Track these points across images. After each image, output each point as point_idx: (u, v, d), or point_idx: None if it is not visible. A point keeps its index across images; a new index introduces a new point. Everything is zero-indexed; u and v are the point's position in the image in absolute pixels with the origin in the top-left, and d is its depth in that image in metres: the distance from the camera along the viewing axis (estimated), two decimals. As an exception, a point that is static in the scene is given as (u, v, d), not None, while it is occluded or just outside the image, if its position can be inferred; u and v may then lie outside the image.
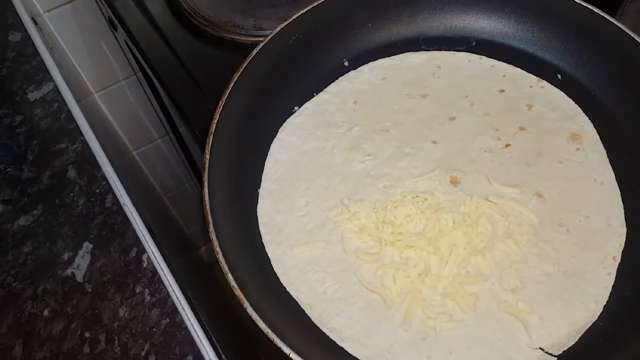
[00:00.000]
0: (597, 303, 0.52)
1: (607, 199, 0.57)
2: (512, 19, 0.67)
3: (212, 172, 0.55)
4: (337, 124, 0.64)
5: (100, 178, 0.67)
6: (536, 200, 0.57)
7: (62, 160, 0.69)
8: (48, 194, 0.67)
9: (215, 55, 0.76)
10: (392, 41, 0.70)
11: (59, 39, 1.08)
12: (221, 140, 0.57)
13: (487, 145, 0.61)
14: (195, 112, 0.70)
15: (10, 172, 0.69)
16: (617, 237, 0.55)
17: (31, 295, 0.59)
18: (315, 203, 0.59)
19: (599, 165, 0.60)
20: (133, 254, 0.61)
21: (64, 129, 0.72)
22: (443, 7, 0.69)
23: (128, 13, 0.84)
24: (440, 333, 0.51)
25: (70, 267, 0.61)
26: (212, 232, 0.50)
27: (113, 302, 0.58)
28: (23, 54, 0.81)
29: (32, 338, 0.57)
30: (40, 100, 0.76)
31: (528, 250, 0.54)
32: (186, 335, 0.56)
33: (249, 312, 0.46)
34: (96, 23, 1.08)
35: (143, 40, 0.80)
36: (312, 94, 0.66)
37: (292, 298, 0.53)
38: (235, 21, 0.77)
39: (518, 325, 0.51)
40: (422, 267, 0.54)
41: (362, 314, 0.52)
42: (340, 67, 0.68)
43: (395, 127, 0.64)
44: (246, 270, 0.51)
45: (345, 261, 0.55)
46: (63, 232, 0.63)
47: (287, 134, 0.64)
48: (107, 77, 1.20)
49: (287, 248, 0.56)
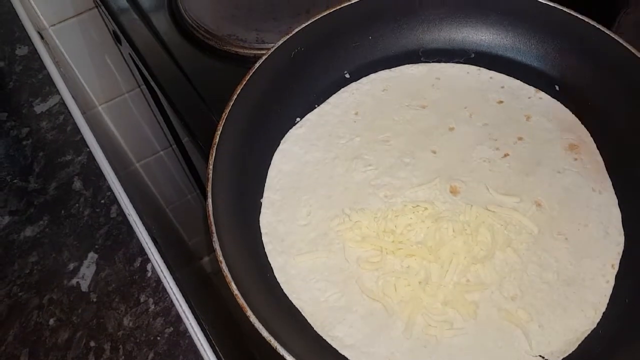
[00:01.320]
0: (596, 311, 0.52)
1: (605, 207, 0.58)
2: (510, 32, 0.68)
3: (215, 183, 0.55)
4: (338, 134, 0.65)
5: (105, 189, 0.68)
6: (535, 209, 0.58)
7: (67, 171, 0.70)
8: (54, 204, 0.67)
9: (219, 67, 0.77)
10: (393, 53, 0.71)
11: (65, 52, 1.09)
12: (224, 151, 0.58)
13: (487, 155, 0.62)
14: (199, 124, 0.71)
15: (17, 183, 0.70)
16: (615, 246, 0.56)
17: (37, 305, 0.60)
18: (317, 213, 0.59)
19: (597, 174, 0.60)
20: (137, 264, 0.62)
21: (70, 141, 0.73)
22: (442, 21, 0.70)
23: (132, 27, 0.85)
24: (441, 341, 0.51)
25: (76, 277, 0.61)
26: (215, 242, 0.51)
27: (118, 312, 0.59)
28: (30, 68, 0.83)
29: (37, 347, 0.57)
30: (47, 112, 0.77)
31: (527, 258, 0.55)
32: (190, 344, 0.56)
33: (252, 320, 0.47)
34: (101, 37, 1.09)
35: (147, 54, 0.81)
36: (314, 106, 0.67)
37: (295, 306, 0.54)
38: (238, 34, 0.78)
39: (518, 333, 0.52)
40: (423, 275, 0.54)
41: (364, 322, 0.53)
42: (341, 79, 0.69)
43: (396, 138, 0.64)
44: (249, 279, 0.52)
45: (346, 270, 0.56)
46: (69, 242, 0.64)
47: (289, 145, 0.65)
48: (112, 90, 1.21)
49: (290, 257, 0.57)
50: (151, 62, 0.80)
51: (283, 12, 0.81)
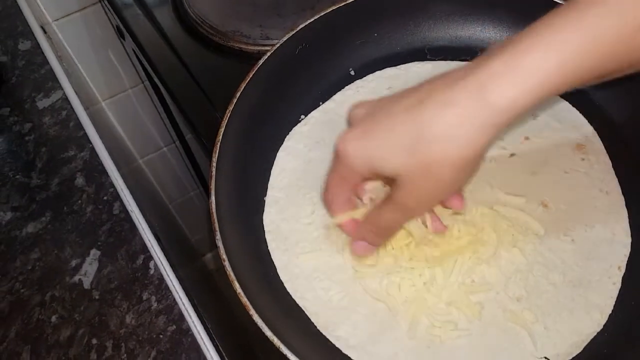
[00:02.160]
0: (602, 313, 0.52)
1: (612, 208, 0.58)
2: (518, 29, 0.67)
3: (218, 180, 0.55)
4: (343, 132, 0.65)
5: (108, 185, 0.68)
6: (541, 209, 0.57)
7: (70, 167, 0.70)
8: (56, 201, 0.67)
9: (223, 64, 0.77)
10: (398, 51, 0.70)
11: (68, 47, 1.09)
12: (228, 148, 0.57)
13: (493, 154, 0.62)
14: (202, 121, 0.71)
15: (19, 179, 0.70)
16: (622, 247, 0.55)
17: (39, 302, 0.60)
18: (321, 211, 0.59)
19: (604, 175, 0.60)
20: (140, 261, 0.62)
21: (72, 136, 0.73)
22: (448, 18, 0.69)
23: (136, 22, 0.85)
24: (446, 341, 0.51)
25: (78, 274, 0.61)
26: (218, 240, 0.50)
27: (120, 309, 0.59)
28: (32, 62, 0.82)
29: (39, 344, 0.57)
30: (49, 108, 0.76)
31: (533, 259, 0.55)
32: (192, 342, 0.56)
33: (255, 319, 0.47)
34: (104, 32, 1.09)
35: (151, 49, 0.81)
36: (319, 103, 0.67)
37: (298, 306, 0.54)
38: (242, 30, 0.78)
39: (523, 335, 0.51)
40: (427, 275, 0.54)
41: (368, 322, 0.52)
42: (346, 76, 0.69)
43: (401, 136, 0.64)
44: (252, 278, 0.52)
45: (350, 269, 0.55)
46: (71, 239, 0.64)
47: (293, 143, 0.64)
48: (115, 86, 1.21)
49: (293, 256, 0.56)
50: (155, 58, 0.79)
51: (288, 9, 0.81)
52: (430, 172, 0.43)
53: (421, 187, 0.44)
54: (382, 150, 0.45)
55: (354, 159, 0.47)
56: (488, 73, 0.41)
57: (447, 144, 0.42)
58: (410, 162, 0.43)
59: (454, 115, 0.41)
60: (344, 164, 0.48)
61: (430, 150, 0.42)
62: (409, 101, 0.45)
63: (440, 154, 0.42)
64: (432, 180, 0.44)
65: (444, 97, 0.42)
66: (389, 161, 0.44)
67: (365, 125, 0.47)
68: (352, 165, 0.47)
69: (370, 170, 0.47)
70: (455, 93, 0.42)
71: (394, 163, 0.44)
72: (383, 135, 0.45)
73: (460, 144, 0.42)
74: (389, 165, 0.45)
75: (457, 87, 0.42)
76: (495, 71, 0.40)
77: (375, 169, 0.46)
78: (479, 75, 0.41)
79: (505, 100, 0.40)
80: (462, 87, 0.41)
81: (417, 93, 0.45)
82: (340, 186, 0.51)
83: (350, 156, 0.47)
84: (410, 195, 0.45)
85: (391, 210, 0.48)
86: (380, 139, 0.45)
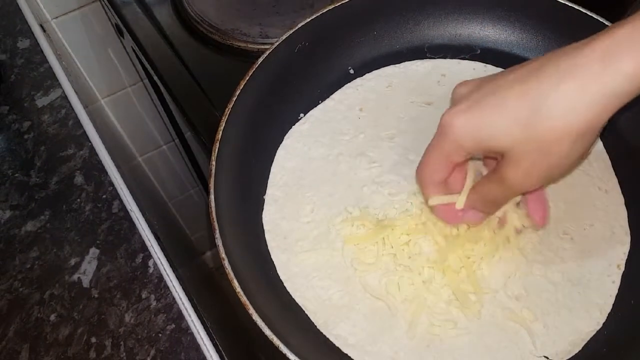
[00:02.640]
0: (601, 311, 0.52)
1: (612, 207, 0.58)
2: (517, 28, 0.68)
3: (218, 178, 0.55)
4: (342, 131, 0.65)
5: (107, 184, 0.68)
6: (541, 208, 0.57)
7: (69, 166, 0.70)
8: (55, 199, 0.67)
9: (222, 62, 0.77)
10: (397, 49, 0.70)
11: (67, 45, 1.09)
12: (227, 146, 0.57)
13: (492, 153, 0.62)
14: (202, 119, 0.70)
15: (18, 177, 0.69)
16: (621, 246, 0.55)
17: (38, 300, 0.60)
18: (320, 210, 0.59)
19: (604, 174, 0.60)
20: (139, 260, 0.62)
21: (72, 135, 0.73)
22: (448, 16, 0.69)
23: (135, 20, 0.85)
24: (445, 340, 0.51)
25: (77, 273, 0.61)
26: (218, 239, 0.50)
27: (119, 308, 0.59)
28: (31, 61, 0.82)
29: (38, 343, 0.57)
30: (48, 106, 0.76)
31: (533, 258, 0.55)
32: (192, 341, 0.56)
33: (254, 318, 0.47)
34: (103, 30, 1.09)
35: (150, 47, 0.81)
36: (318, 102, 0.67)
37: (297, 304, 0.54)
38: (241, 29, 0.77)
39: (522, 333, 0.51)
40: (427, 274, 0.54)
41: (367, 321, 0.52)
42: (345, 74, 0.69)
43: (401, 135, 0.64)
44: (251, 277, 0.52)
45: (349, 268, 0.55)
46: (70, 237, 0.64)
47: (292, 141, 0.64)
48: (114, 84, 1.21)
49: (292, 255, 0.56)
50: (154, 56, 0.79)
51: (287, 7, 0.81)
52: (546, 147, 0.41)
53: (534, 163, 0.42)
54: (492, 123, 0.43)
55: (461, 134, 0.44)
56: (616, 40, 0.38)
57: (567, 117, 0.39)
58: (524, 137, 0.41)
59: (575, 85, 0.39)
60: (450, 139, 0.45)
61: (548, 124, 0.40)
62: (521, 73, 0.43)
63: (559, 127, 0.40)
64: (546, 155, 0.41)
65: (564, 66, 0.40)
66: (501, 135, 0.42)
67: (473, 100, 0.44)
68: (459, 140, 0.45)
69: (478, 145, 0.44)
70: (577, 60, 0.39)
71: (507, 137, 0.42)
72: (493, 108, 0.43)
73: (581, 117, 0.39)
74: (501, 139, 0.42)
75: (579, 55, 0.39)
76: (623, 38, 0.38)
77: (484, 144, 0.44)
78: (607, 42, 0.38)
79: (636, 65, 0.37)
80: (585, 55, 0.39)
81: (528, 66, 0.43)
82: (440, 163, 0.48)
83: (457, 131, 0.44)
84: (521, 171, 0.43)
85: (498, 185, 0.46)
86: (491, 113, 0.43)
